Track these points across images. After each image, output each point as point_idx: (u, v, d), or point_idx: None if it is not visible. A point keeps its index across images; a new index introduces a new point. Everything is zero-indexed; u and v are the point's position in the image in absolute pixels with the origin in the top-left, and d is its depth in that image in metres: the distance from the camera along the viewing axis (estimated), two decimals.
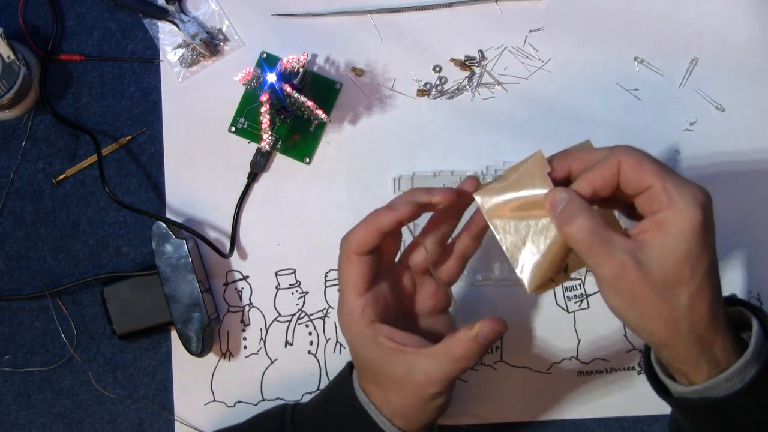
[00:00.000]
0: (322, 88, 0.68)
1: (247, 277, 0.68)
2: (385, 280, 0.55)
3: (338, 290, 0.56)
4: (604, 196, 0.48)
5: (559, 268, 0.51)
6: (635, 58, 0.68)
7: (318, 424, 0.57)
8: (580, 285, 0.67)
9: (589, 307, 0.66)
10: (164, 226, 0.65)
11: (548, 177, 0.49)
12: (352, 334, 0.54)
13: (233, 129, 0.68)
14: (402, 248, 0.57)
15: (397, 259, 0.57)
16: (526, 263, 0.50)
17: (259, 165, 0.67)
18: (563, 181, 0.50)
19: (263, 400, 0.67)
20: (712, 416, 0.48)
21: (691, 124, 0.68)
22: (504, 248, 0.50)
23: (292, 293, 0.68)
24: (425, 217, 0.55)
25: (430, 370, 0.52)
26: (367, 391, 0.55)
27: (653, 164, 0.47)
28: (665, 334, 0.47)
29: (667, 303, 0.46)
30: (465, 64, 0.68)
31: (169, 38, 0.69)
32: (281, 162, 0.68)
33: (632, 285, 0.46)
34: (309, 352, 0.68)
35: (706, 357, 0.47)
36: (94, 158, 0.68)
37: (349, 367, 0.58)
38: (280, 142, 0.68)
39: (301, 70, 0.64)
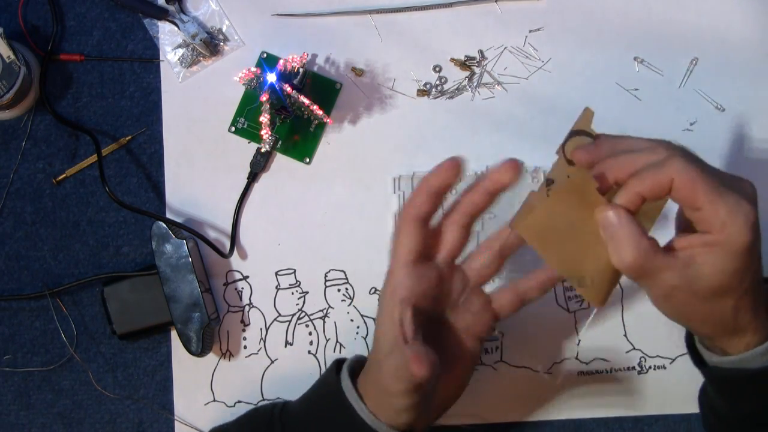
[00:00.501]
0: (322, 88, 0.68)
1: (247, 277, 0.68)
2: (437, 271, 0.54)
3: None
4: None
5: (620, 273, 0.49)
6: (635, 58, 0.68)
7: (304, 418, 0.57)
8: None
9: (589, 306, 0.66)
10: (164, 226, 0.65)
11: (597, 192, 0.48)
12: (382, 306, 0.54)
13: (233, 129, 0.68)
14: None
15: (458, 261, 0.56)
16: (589, 278, 0.48)
17: (259, 165, 0.67)
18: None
19: (263, 400, 0.67)
20: (745, 388, 0.51)
21: (691, 124, 0.68)
22: (559, 272, 0.49)
23: (292, 293, 0.68)
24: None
25: (393, 371, 0.51)
26: (363, 382, 0.55)
27: (707, 184, 0.45)
28: (709, 330, 0.50)
29: (715, 310, 0.48)
30: (465, 64, 0.68)
31: (169, 38, 0.69)
32: (281, 162, 0.68)
33: (682, 301, 0.48)
34: (309, 352, 0.68)
35: (743, 334, 0.50)
36: (94, 158, 0.68)
37: (336, 363, 0.58)
38: (280, 142, 0.68)
39: (301, 70, 0.64)
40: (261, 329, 0.68)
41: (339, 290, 0.67)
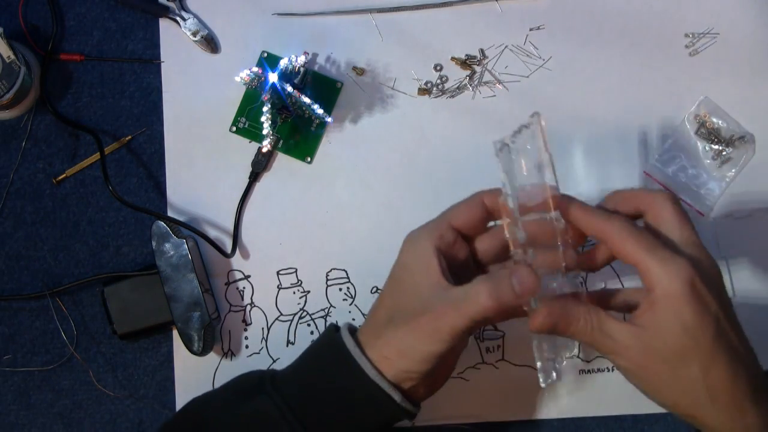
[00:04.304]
0: (323, 88, 0.68)
1: (249, 276, 0.68)
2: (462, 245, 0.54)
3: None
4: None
5: None
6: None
7: (298, 373, 0.55)
8: (581, 284, 0.66)
9: None
10: (164, 225, 0.65)
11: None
12: (413, 246, 0.53)
13: (234, 129, 0.68)
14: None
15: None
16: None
17: (260, 164, 0.67)
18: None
19: None
20: None
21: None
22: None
23: (294, 292, 0.68)
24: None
25: (431, 330, 0.50)
26: (366, 336, 0.53)
27: (636, 243, 0.48)
28: (686, 404, 0.48)
29: (680, 375, 0.47)
30: (466, 62, 0.68)
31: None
32: (282, 161, 0.68)
33: (643, 366, 0.48)
34: None
35: (740, 427, 0.47)
36: (94, 158, 0.68)
37: (332, 325, 0.56)
38: (281, 142, 0.68)
39: (302, 69, 0.64)
40: (262, 329, 0.68)
41: (340, 289, 0.67)
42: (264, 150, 0.67)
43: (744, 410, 0.47)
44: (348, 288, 0.67)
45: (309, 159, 0.68)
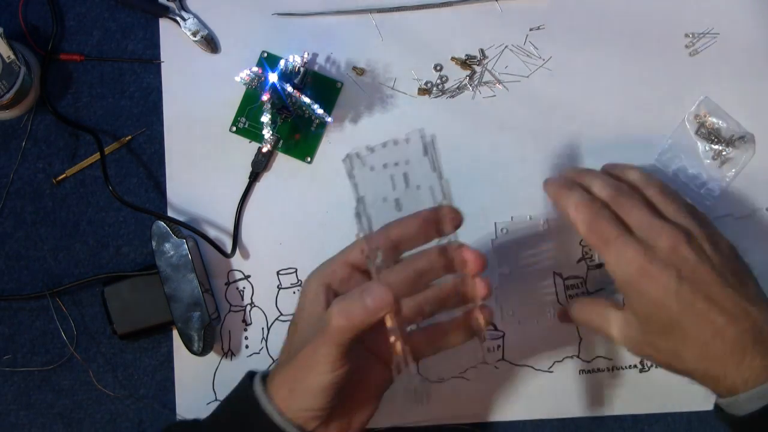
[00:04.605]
0: (323, 88, 0.68)
1: (249, 276, 0.68)
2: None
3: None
4: None
5: None
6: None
7: (216, 423, 0.56)
8: (581, 283, 0.67)
9: None
10: (164, 225, 0.65)
11: None
12: (306, 286, 0.55)
13: (234, 129, 0.68)
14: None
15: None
16: None
17: (260, 164, 0.67)
18: None
19: None
20: None
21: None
22: None
23: (294, 292, 0.68)
24: None
25: (313, 354, 0.50)
26: (274, 383, 0.53)
27: (594, 235, 0.54)
28: (687, 368, 0.53)
29: (669, 345, 0.52)
30: (466, 62, 0.68)
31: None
32: (283, 161, 0.68)
33: (639, 343, 0.54)
34: None
35: (738, 375, 0.50)
36: (94, 158, 0.68)
37: (249, 372, 0.57)
38: (281, 142, 0.68)
39: (302, 69, 0.64)
40: (263, 329, 0.68)
41: None
42: (264, 150, 0.67)
43: (742, 357, 0.49)
44: None
45: (309, 159, 0.68)
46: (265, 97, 0.62)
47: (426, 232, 0.53)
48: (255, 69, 0.62)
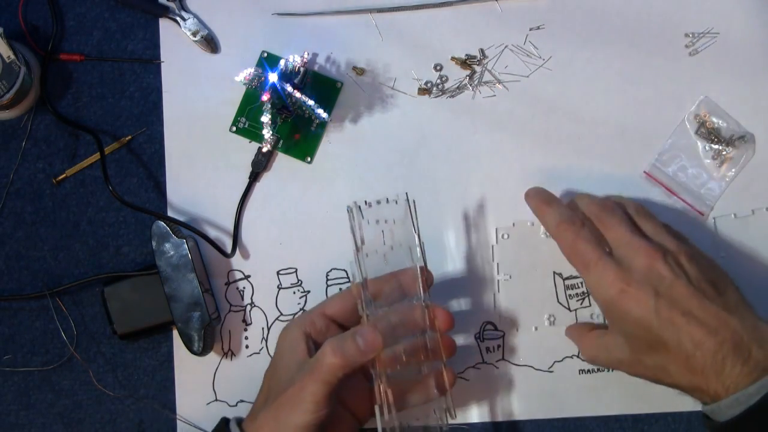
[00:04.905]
0: (323, 88, 0.68)
1: (249, 276, 0.68)
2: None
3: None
4: None
5: None
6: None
7: None
8: (581, 283, 0.67)
9: (590, 305, 0.66)
10: (164, 225, 0.65)
11: None
12: (286, 334, 0.59)
13: (234, 129, 0.68)
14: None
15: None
16: None
17: (260, 164, 0.67)
18: None
19: None
20: None
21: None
22: None
23: (294, 292, 0.68)
24: None
25: (295, 398, 0.54)
26: (248, 424, 0.57)
27: (575, 258, 0.57)
28: (677, 383, 0.54)
29: (655, 362, 0.54)
30: (466, 62, 0.68)
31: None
32: (283, 161, 0.68)
33: (628, 363, 0.57)
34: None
35: (719, 385, 0.51)
36: (94, 158, 0.68)
37: (224, 421, 0.60)
38: (281, 142, 0.68)
39: (302, 69, 0.64)
40: (263, 328, 0.68)
41: (341, 289, 0.67)
42: (264, 150, 0.67)
43: (722, 366, 0.51)
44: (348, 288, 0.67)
45: (309, 159, 0.68)
46: (265, 97, 0.62)
47: (405, 289, 0.59)
48: (255, 69, 0.63)
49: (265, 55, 0.68)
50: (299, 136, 0.68)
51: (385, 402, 0.54)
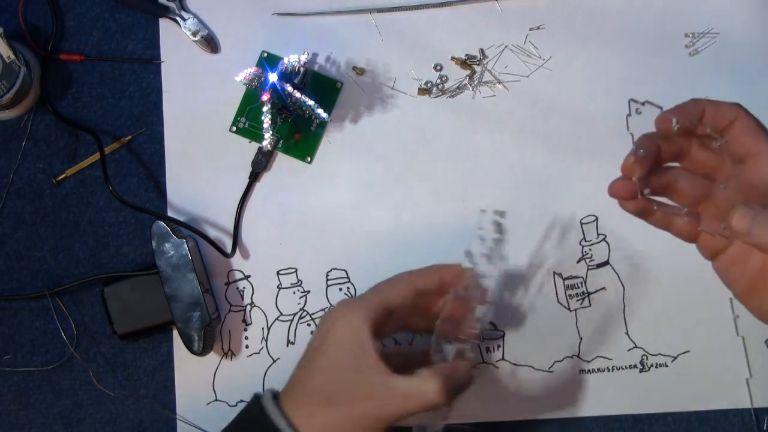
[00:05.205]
0: (323, 88, 0.68)
1: (249, 276, 0.68)
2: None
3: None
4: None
5: None
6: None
7: None
8: (581, 283, 0.67)
9: (590, 305, 0.66)
10: (164, 225, 0.65)
11: None
12: (347, 322, 0.53)
13: (234, 129, 0.68)
14: None
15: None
16: None
17: (260, 164, 0.67)
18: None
19: None
20: None
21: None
22: None
23: (294, 292, 0.68)
24: None
25: (394, 400, 0.51)
26: (289, 409, 0.53)
27: (755, 133, 0.48)
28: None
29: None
30: (466, 62, 0.68)
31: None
32: (283, 161, 0.68)
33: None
34: None
35: None
36: (94, 158, 0.68)
37: (255, 395, 0.56)
38: (281, 142, 0.68)
39: (301, 69, 0.64)
40: (263, 328, 0.68)
41: (340, 289, 0.67)
42: (264, 150, 0.67)
43: None
44: (348, 288, 0.67)
45: (309, 159, 0.68)
46: (265, 97, 0.62)
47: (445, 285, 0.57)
48: (255, 69, 0.63)
49: (265, 55, 0.68)
50: (299, 136, 0.68)
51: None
